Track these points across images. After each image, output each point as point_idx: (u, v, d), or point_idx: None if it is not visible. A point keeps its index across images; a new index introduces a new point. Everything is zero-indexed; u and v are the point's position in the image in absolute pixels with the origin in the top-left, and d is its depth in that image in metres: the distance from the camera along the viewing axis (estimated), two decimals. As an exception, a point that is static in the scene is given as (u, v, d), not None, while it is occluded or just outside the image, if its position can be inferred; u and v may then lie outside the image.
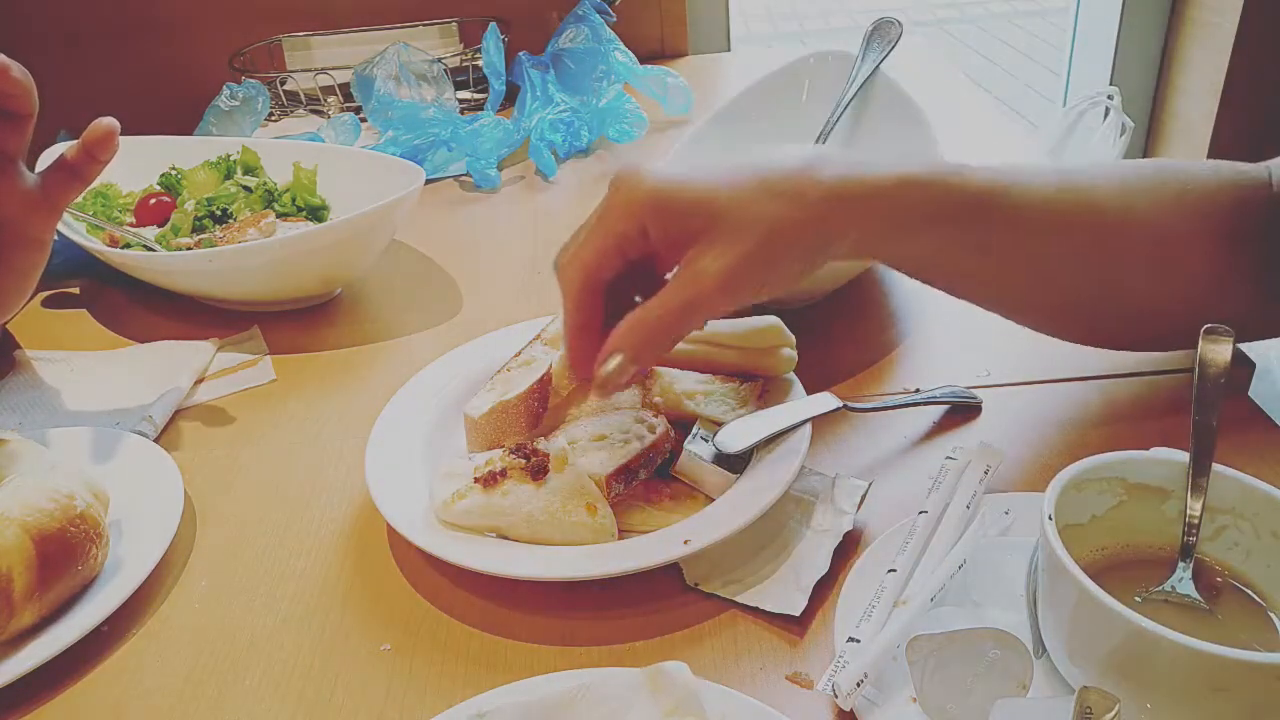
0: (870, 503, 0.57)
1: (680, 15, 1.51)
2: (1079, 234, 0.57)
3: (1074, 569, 0.40)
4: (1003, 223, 0.55)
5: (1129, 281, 0.58)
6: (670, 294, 0.51)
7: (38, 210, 0.59)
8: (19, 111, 0.55)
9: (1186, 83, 1.70)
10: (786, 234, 0.51)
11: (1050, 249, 0.57)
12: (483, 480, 0.54)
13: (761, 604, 0.51)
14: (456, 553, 0.52)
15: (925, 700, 0.44)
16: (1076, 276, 0.58)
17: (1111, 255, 0.57)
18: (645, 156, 1.14)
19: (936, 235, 0.55)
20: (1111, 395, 0.65)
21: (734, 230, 0.50)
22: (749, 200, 0.51)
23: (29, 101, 0.55)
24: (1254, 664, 0.37)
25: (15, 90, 0.54)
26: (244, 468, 0.68)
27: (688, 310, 0.51)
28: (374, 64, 1.19)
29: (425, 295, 0.89)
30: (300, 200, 0.95)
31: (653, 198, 0.51)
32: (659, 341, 0.51)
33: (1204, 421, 0.48)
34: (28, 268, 0.60)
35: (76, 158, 0.58)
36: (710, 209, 0.51)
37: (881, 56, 0.91)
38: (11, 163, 0.57)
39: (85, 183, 0.59)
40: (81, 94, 1.06)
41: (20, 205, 0.58)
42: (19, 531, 0.51)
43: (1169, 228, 0.57)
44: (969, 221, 0.55)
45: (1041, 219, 0.56)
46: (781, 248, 0.51)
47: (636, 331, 0.51)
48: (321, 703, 0.49)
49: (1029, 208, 0.56)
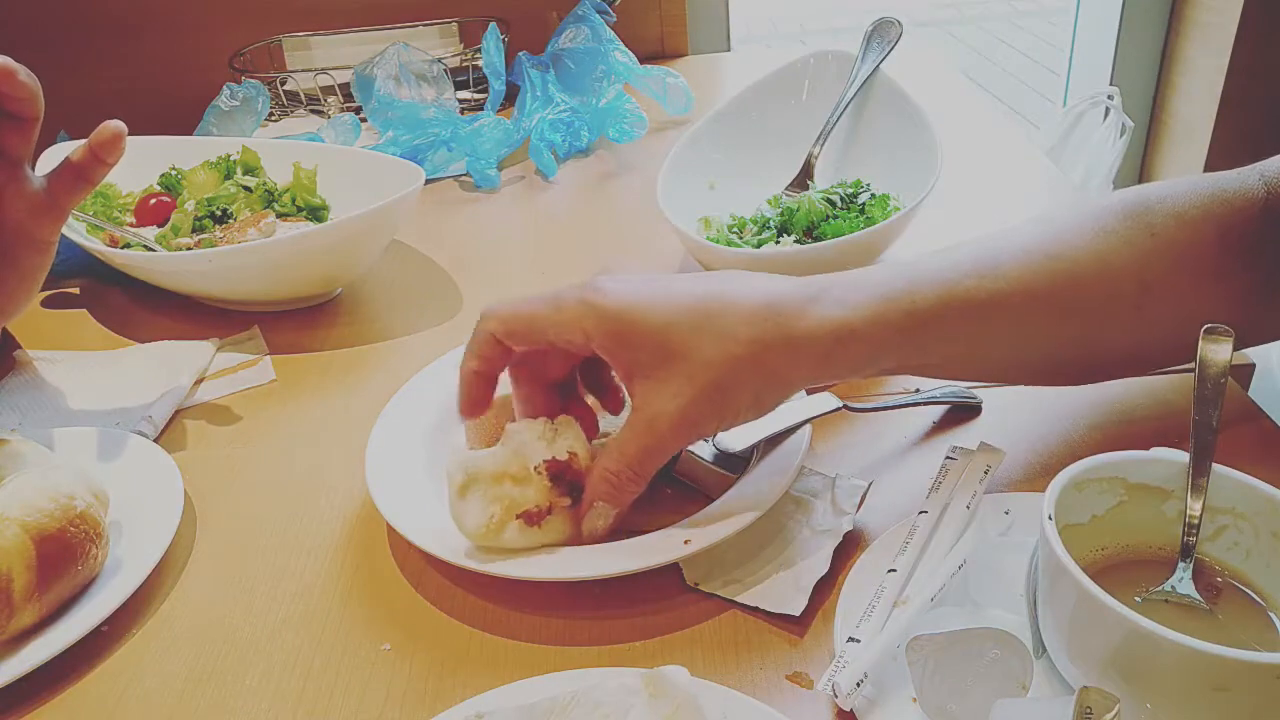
0: (870, 503, 0.57)
1: (680, 15, 1.51)
2: (1057, 303, 0.54)
3: (1074, 569, 0.40)
4: (968, 319, 0.53)
5: (1112, 334, 0.56)
6: (628, 442, 0.51)
7: (44, 213, 0.59)
8: (25, 115, 0.55)
9: (1186, 83, 1.70)
10: (740, 376, 0.50)
11: (1027, 325, 0.54)
12: (524, 517, 0.52)
13: (761, 604, 0.51)
14: (457, 553, 0.52)
15: (925, 700, 0.44)
16: (1056, 341, 0.55)
17: (1093, 316, 0.55)
18: (645, 157, 1.14)
19: (893, 362, 0.53)
20: (1111, 395, 0.65)
21: (686, 371, 0.49)
22: (704, 339, 0.50)
23: (35, 105, 0.55)
24: (1254, 664, 0.37)
25: (22, 94, 0.54)
26: (244, 468, 0.68)
27: (647, 457, 0.51)
28: (374, 64, 1.19)
29: (425, 295, 0.89)
30: (300, 200, 0.95)
31: (614, 321, 0.50)
32: (630, 488, 0.52)
33: (1204, 421, 0.48)
34: (33, 269, 0.60)
35: (82, 160, 0.58)
36: (667, 345, 0.50)
37: (881, 56, 0.91)
38: (17, 166, 0.57)
39: (91, 185, 0.59)
40: (82, 94, 1.07)
41: (26, 208, 0.58)
42: (19, 531, 0.51)
43: (1148, 276, 0.54)
44: (924, 340, 0.52)
45: (1016, 298, 0.53)
46: (733, 391, 0.50)
47: (608, 482, 0.52)
48: (321, 703, 0.49)
49: (999, 294, 0.52)
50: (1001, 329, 0.54)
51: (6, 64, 0.53)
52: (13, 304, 0.61)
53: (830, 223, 0.79)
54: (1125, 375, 0.62)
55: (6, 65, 0.53)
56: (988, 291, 0.52)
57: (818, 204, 0.80)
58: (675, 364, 0.50)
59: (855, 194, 0.82)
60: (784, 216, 0.81)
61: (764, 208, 0.85)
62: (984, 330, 0.53)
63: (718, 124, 0.92)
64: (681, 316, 0.50)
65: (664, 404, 0.50)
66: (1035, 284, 0.53)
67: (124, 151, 0.59)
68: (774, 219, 0.82)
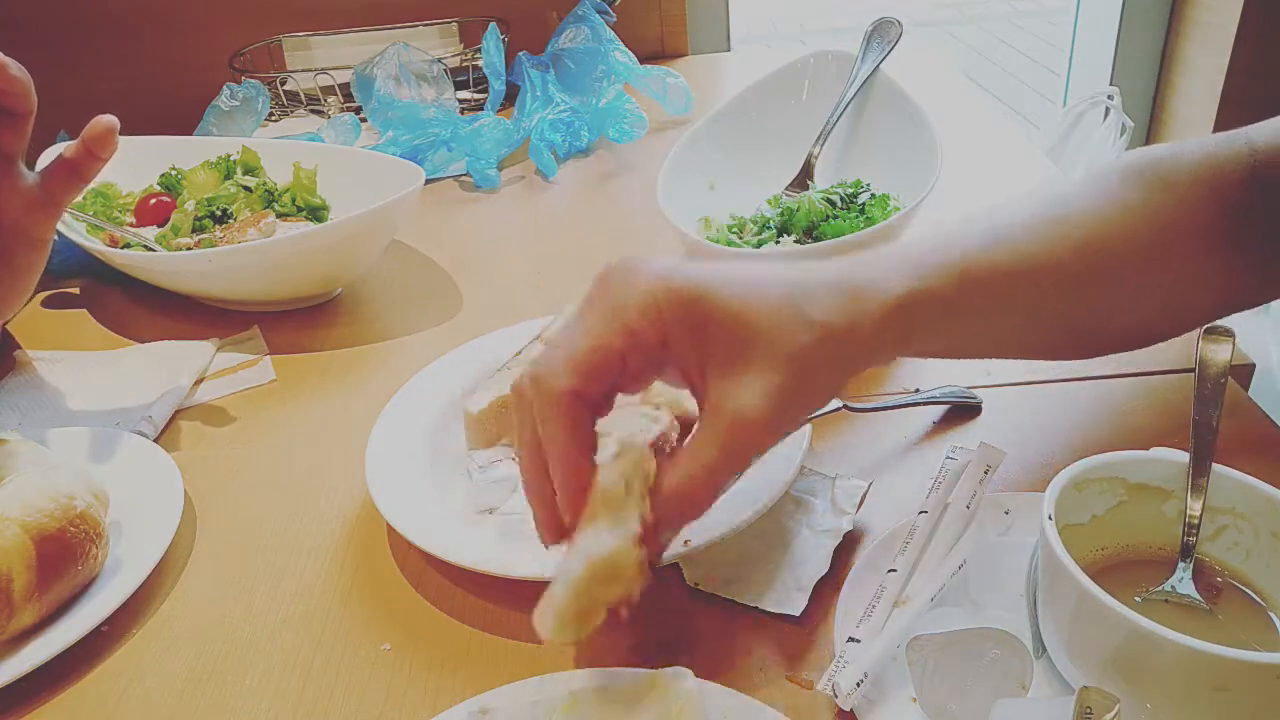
0: (870, 503, 0.57)
1: (680, 15, 1.51)
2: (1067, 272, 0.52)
3: (1074, 569, 0.40)
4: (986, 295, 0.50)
5: (1118, 302, 0.55)
6: (706, 448, 0.43)
7: (39, 209, 0.58)
8: (17, 110, 0.55)
9: (1186, 83, 1.70)
10: (824, 361, 0.44)
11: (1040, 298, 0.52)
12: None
13: (761, 604, 0.51)
14: (457, 553, 0.52)
15: (925, 700, 0.44)
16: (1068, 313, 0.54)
17: (1099, 286, 0.54)
18: (645, 157, 1.14)
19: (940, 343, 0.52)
20: (1111, 395, 0.65)
21: (770, 360, 0.43)
22: (784, 323, 0.44)
23: (28, 100, 0.55)
24: (1254, 664, 0.37)
25: (14, 88, 0.54)
26: (244, 468, 0.68)
27: (734, 460, 0.43)
28: (374, 64, 1.19)
29: (425, 295, 0.89)
30: (300, 200, 0.95)
31: (687, 301, 0.43)
32: (707, 502, 0.44)
33: (1204, 421, 0.48)
34: (28, 267, 0.60)
35: (76, 156, 0.58)
36: (747, 330, 0.43)
37: (881, 56, 0.91)
38: (11, 162, 0.57)
39: (85, 181, 0.59)
40: (82, 94, 1.06)
41: (21, 204, 0.58)
42: (19, 531, 0.51)
43: (1149, 244, 0.54)
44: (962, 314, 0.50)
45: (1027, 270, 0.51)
46: (819, 376, 0.45)
47: (685, 501, 0.43)
48: (321, 703, 0.49)
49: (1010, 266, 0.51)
50: (1018, 302, 0.51)
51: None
52: (8, 302, 0.61)
53: (830, 223, 0.79)
54: (1132, 347, 0.61)
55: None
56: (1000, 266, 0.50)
57: (818, 204, 0.80)
58: (756, 352, 0.43)
59: (855, 194, 0.82)
60: (784, 216, 0.81)
61: (764, 208, 0.85)
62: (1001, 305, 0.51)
63: (718, 124, 0.92)
64: (757, 300, 0.44)
65: (750, 398, 0.42)
66: (1043, 254, 0.51)
67: (117, 146, 0.59)
68: (774, 219, 0.82)
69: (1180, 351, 0.67)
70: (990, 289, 0.50)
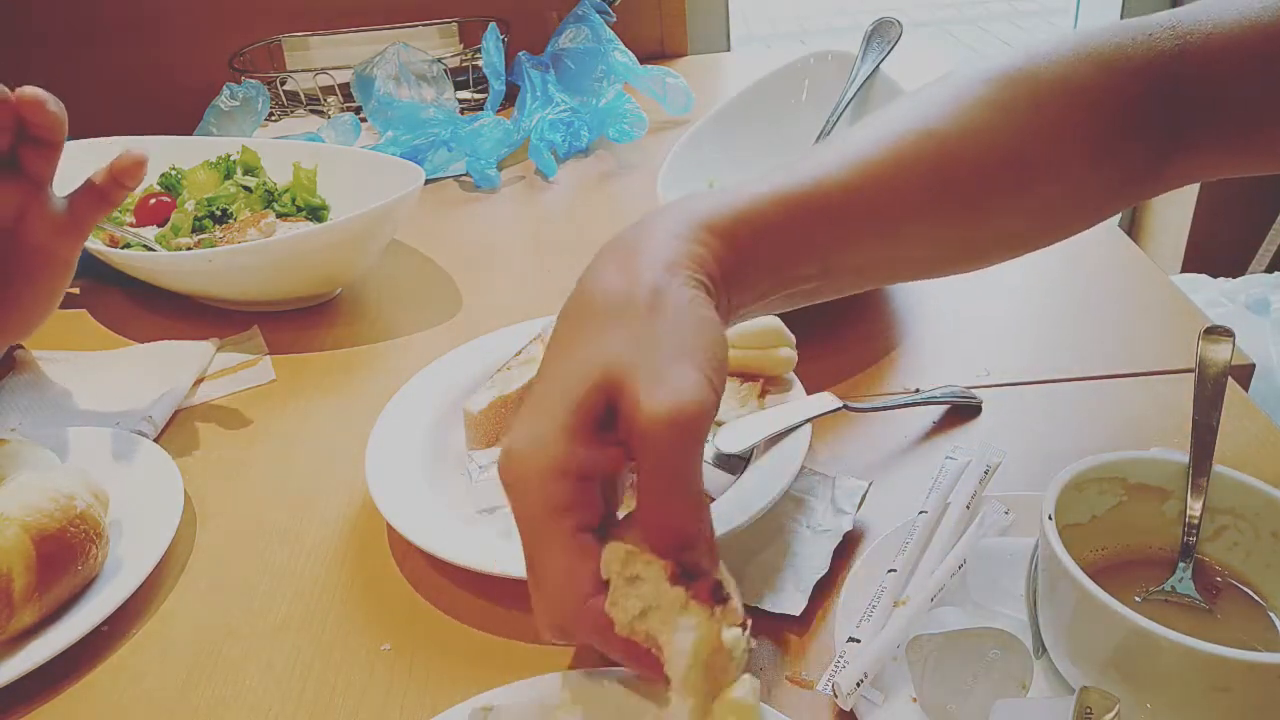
0: (870, 503, 0.57)
1: (680, 15, 1.51)
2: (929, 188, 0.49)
3: (1074, 569, 0.40)
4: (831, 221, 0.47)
5: (994, 216, 0.51)
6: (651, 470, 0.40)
7: (65, 232, 0.60)
8: (51, 141, 0.56)
9: (1186, 83, 1.70)
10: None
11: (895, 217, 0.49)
12: None
13: (761, 604, 0.51)
14: (456, 553, 0.52)
15: (925, 700, 0.44)
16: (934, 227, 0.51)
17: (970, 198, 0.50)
18: (645, 157, 1.14)
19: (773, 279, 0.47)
20: (1111, 395, 0.65)
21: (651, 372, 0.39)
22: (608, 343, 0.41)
23: (60, 132, 0.56)
24: (1254, 664, 0.37)
25: (50, 122, 0.55)
26: (244, 468, 0.68)
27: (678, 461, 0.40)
28: (374, 64, 1.19)
29: (425, 295, 0.89)
30: (300, 200, 0.95)
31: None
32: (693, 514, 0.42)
33: (1204, 421, 0.48)
34: (54, 288, 0.61)
35: (104, 183, 0.60)
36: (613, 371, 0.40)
37: (881, 56, 0.91)
38: (41, 188, 0.58)
39: (111, 206, 0.61)
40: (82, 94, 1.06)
41: (49, 228, 0.59)
42: (19, 531, 0.51)
43: (1030, 153, 0.50)
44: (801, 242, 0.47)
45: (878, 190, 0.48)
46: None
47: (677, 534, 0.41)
48: (321, 703, 0.49)
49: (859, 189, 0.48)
50: (865, 227, 0.48)
51: (36, 95, 0.54)
52: (32, 321, 0.62)
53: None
54: (1015, 256, 0.56)
55: (36, 96, 0.54)
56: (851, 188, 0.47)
57: (818, 204, 0.80)
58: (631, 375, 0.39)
59: (855, 194, 0.82)
60: (784, 216, 0.81)
61: (764, 208, 0.85)
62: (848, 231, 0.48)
63: (718, 124, 0.92)
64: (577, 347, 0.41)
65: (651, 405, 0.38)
66: (902, 171, 0.48)
67: (144, 178, 0.61)
68: (774, 219, 0.82)
69: (1180, 351, 0.67)
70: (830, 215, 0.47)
